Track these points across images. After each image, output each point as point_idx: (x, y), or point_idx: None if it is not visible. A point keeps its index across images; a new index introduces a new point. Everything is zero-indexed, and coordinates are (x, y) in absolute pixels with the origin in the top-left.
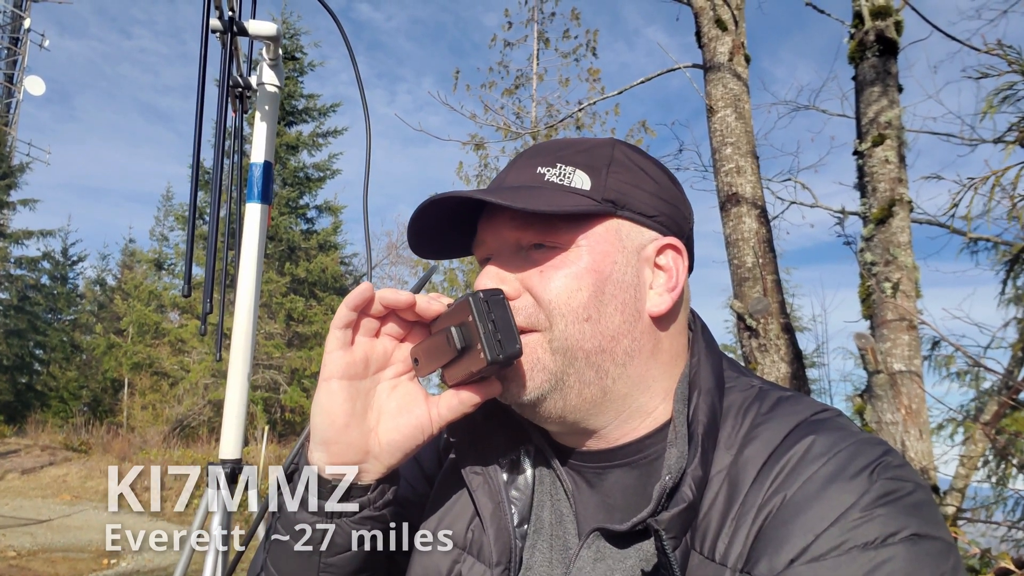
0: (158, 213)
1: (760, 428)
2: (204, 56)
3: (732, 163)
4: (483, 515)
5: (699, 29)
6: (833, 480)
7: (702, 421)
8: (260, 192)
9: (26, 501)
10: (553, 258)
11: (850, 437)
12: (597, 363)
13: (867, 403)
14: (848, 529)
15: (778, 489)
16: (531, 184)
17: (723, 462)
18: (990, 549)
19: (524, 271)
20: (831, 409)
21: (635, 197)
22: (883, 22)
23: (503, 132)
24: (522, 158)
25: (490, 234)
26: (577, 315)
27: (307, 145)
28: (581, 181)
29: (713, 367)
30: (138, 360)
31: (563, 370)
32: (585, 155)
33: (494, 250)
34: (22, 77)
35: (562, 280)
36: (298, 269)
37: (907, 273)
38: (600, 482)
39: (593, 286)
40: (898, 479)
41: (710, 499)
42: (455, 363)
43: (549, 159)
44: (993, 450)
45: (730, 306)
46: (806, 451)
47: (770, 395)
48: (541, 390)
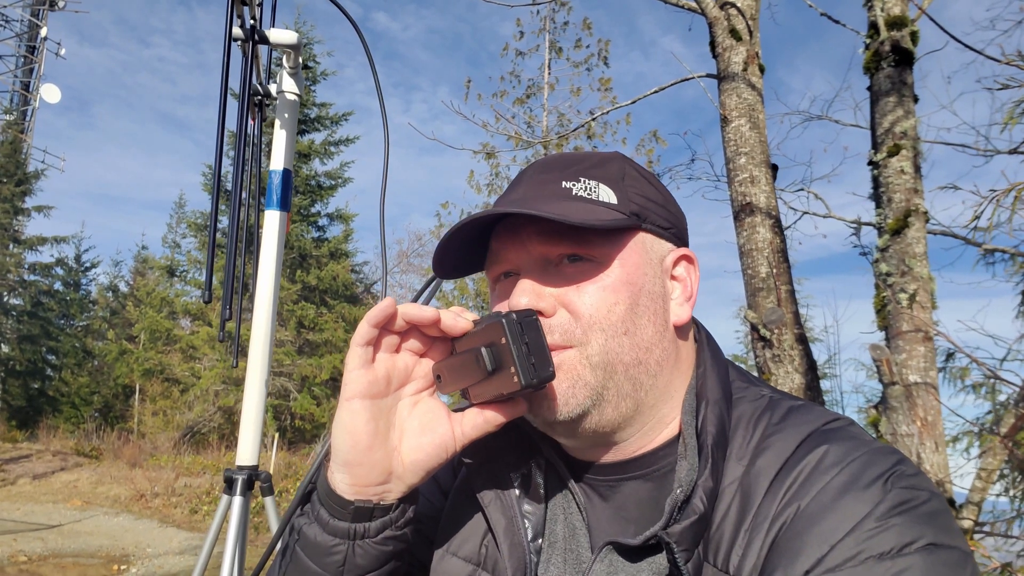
0: (171, 220)
1: (772, 439)
2: (226, 65)
3: (746, 173)
4: (496, 531)
5: (713, 39)
6: (847, 490)
7: (711, 432)
8: (279, 199)
9: (37, 506)
10: (588, 272)
11: (863, 446)
12: (634, 376)
13: (882, 415)
14: (864, 539)
15: (792, 500)
16: (560, 197)
17: (735, 473)
18: (1011, 563)
19: (559, 286)
20: (843, 418)
21: (652, 210)
22: (899, 32)
23: (515, 141)
24: (536, 173)
25: (513, 250)
26: (616, 329)
27: (319, 153)
28: (607, 195)
29: (720, 377)
30: (149, 366)
31: (603, 385)
32: (600, 169)
33: (518, 265)
34: (38, 85)
35: (600, 294)
36: (309, 277)
37: (923, 284)
38: (614, 495)
39: (629, 299)
40: (913, 488)
41: (723, 511)
42: (482, 383)
43: (570, 173)
44: (1011, 463)
45: (744, 316)
46: (819, 461)
47: (781, 405)
48: (582, 407)
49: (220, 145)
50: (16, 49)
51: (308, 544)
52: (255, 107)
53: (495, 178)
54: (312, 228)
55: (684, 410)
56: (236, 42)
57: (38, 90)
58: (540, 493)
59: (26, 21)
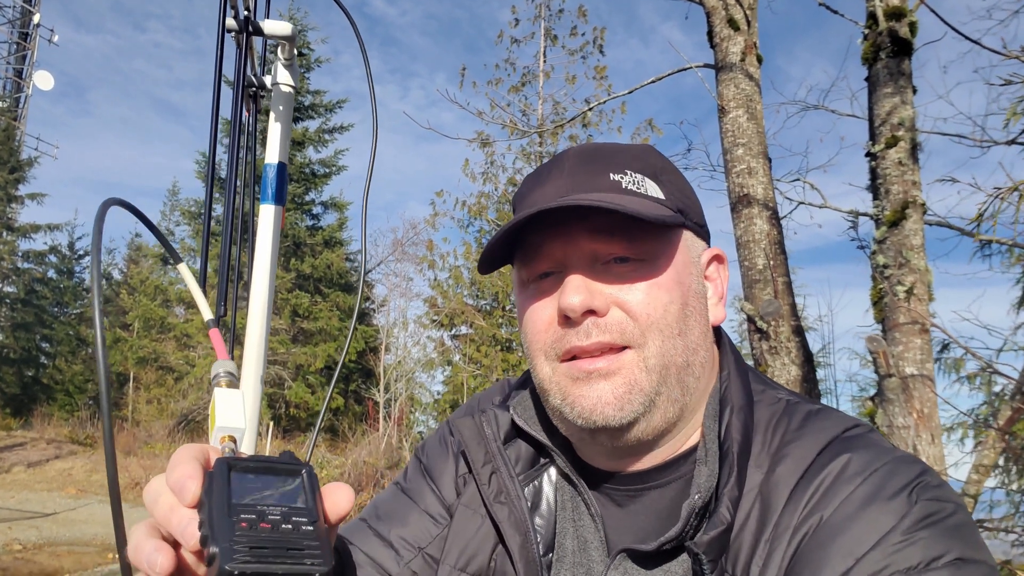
0: (164, 208)
1: (791, 446)
2: (220, 56)
3: (744, 164)
4: (511, 548)
5: (711, 29)
6: (871, 501)
7: (736, 439)
8: (274, 193)
9: (32, 494)
10: (640, 270)
11: (885, 455)
12: (683, 379)
13: (878, 407)
14: (890, 553)
15: (814, 510)
16: (611, 189)
17: (754, 480)
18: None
19: (612, 284)
20: (863, 424)
21: (690, 207)
22: (897, 23)
23: (509, 129)
24: (579, 163)
25: (559, 245)
26: (672, 330)
27: (313, 141)
28: (654, 190)
29: (743, 383)
30: (143, 355)
31: (656, 390)
32: (639, 161)
33: (564, 262)
34: (31, 72)
35: (655, 293)
36: (303, 265)
37: (920, 276)
38: (632, 504)
39: (681, 299)
40: (938, 500)
41: (742, 519)
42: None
43: (616, 165)
44: (1007, 456)
45: (741, 308)
46: (842, 470)
47: (799, 409)
48: (635, 413)
49: (213, 139)
50: (9, 36)
51: None
52: (250, 98)
53: (490, 166)
54: (306, 216)
55: (707, 414)
56: (230, 33)
57: (31, 77)
58: (550, 506)
59: (19, 7)
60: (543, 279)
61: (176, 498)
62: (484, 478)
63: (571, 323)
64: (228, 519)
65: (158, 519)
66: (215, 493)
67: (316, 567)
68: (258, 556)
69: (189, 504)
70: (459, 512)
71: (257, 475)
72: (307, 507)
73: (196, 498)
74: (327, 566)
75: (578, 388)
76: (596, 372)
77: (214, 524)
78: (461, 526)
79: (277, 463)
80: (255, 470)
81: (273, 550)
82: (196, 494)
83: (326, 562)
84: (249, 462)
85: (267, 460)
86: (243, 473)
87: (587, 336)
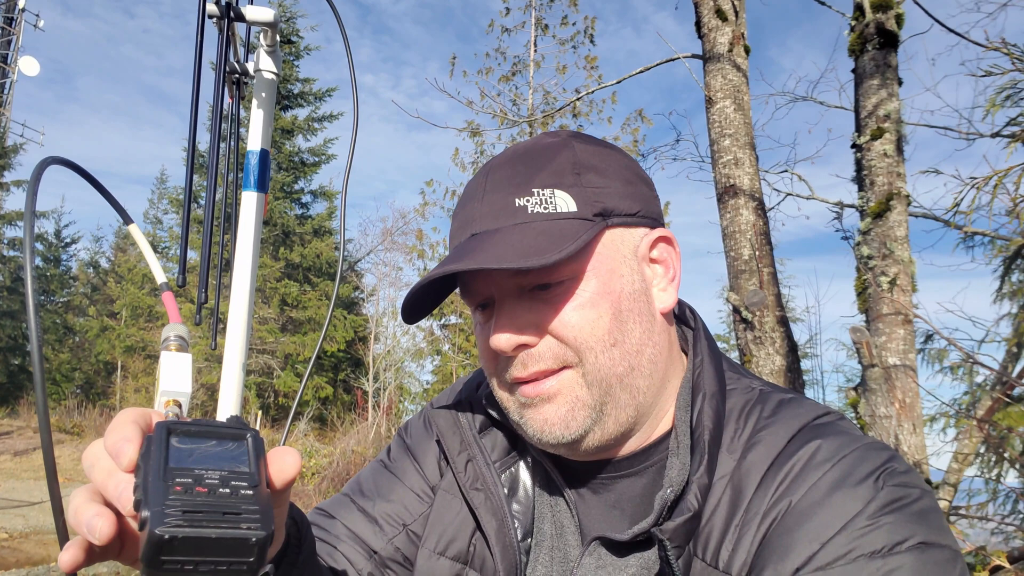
0: (152, 196)
1: (763, 433)
2: (200, 42)
3: (730, 155)
4: (488, 533)
5: (699, 19)
6: (838, 486)
7: (708, 427)
8: (256, 180)
9: (19, 483)
10: (563, 294)
11: (854, 442)
12: (629, 384)
13: (861, 397)
14: (855, 537)
15: (783, 495)
16: (515, 222)
17: (726, 467)
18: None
19: (539, 310)
20: (833, 412)
21: (615, 199)
22: (884, 15)
23: (499, 119)
24: (488, 189)
25: (484, 285)
26: (605, 343)
27: (302, 129)
28: (565, 203)
29: (716, 370)
30: (131, 343)
31: (601, 400)
32: (552, 167)
33: (493, 296)
34: (16, 57)
35: (581, 313)
36: (292, 254)
37: (904, 268)
38: (606, 492)
39: (611, 308)
40: (904, 485)
41: (712, 505)
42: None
43: (522, 185)
44: (987, 445)
45: (726, 298)
46: (811, 456)
47: (771, 398)
48: (583, 427)
49: (193, 124)
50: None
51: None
52: (232, 85)
53: (480, 156)
54: (295, 205)
55: (678, 404)
56: (211, 19)
57: (16, 62)
58: (528, 492)
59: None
60: (482, 309)
61: (113, 462)
62: (460, 466)
63: (508, 356)
64: (162, 482)
65: (96, 484)
66: (152, 457)
67: (252, 531)
68: (191, 520)
69: (125, 468)
70: (439, 496)
71: (199, 439)
72: (249, 471)
73: (132, 462)
74: (266, 530)
75: (527, 412)
76: (539, 396)
77: (148, 488)
78: (440, 511)
79: (221, 427)
80: (197, 434)
81: (208, 514)
82: (132, 458)
83: (264, 526)
84: (191, 426)
85: (211, 424)
86: (184, 436)
87: (524, 367)
